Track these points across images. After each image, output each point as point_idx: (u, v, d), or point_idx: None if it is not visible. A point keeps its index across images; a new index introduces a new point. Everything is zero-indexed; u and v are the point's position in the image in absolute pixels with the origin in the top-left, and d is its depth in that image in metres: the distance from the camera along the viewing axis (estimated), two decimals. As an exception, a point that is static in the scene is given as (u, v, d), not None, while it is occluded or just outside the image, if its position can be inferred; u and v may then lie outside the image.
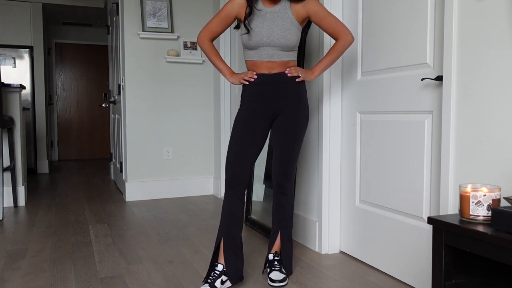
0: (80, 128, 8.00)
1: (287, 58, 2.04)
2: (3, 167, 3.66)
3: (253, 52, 2.04)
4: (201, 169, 4.45)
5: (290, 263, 2.17)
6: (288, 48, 2.01)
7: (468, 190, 1.35)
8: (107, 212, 3.69)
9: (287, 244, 2.17)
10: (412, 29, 2.01)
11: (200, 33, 2.12)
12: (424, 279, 1.99)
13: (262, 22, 1.98)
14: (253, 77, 2.04)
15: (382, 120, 2.23)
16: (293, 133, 2.08)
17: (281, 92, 2.05)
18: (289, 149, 2.09)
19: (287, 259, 2.16)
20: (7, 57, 5.96)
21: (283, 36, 1.98)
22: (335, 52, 2.10)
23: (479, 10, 1.63)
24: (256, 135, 2.06)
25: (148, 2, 4.13)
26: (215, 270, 2.01)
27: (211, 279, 1.99)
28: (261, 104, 2.06)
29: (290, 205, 2.18)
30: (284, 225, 2.17)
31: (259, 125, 2.06)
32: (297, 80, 2.06)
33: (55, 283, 2.15)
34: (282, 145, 2.10)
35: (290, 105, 2.07)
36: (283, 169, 2.12)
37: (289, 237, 2.18)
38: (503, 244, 1.17)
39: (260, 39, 1.98)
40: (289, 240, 2.18)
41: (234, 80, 2.09)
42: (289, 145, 2.09)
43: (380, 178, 2.26)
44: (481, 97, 1.63)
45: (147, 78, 4.18)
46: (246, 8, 1.99)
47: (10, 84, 3.79)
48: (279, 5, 2.00)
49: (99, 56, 7.99)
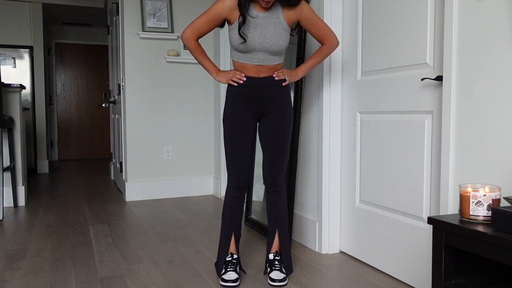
0: (80, 128, 8.00)
1: (276, 62, 2.06)
2: (3, 167, 3.66)
3: (243, 55, 2.04)
4: (201, 169, 4.45)
5: (290, 261, 2.18)
6: (279, 52, 2.04)
7: (468, 190, 1.35)
8: (107, 212, 3.69)
9: (285, 242, 2.18)
10: (412, 29, 2.01)
11: (185, 30, 2.08)
12: (424, 279, 1.99)
13: (254, 28, 1.97)
14: (242, 79, 2.05)
15: (382, 120, 2.23)
16: (282, 131, 2.12)
17: (268, 94, 2.08)
18: (280, 147, 2.13)
19: (286, 257, 2.18)
20: (7, 57, 5.96)
21: (275, 42, 1.99)
22: (320, 56, 2.15)
23: (479, 10, 1.63)
24: (250, 136, 2.12)
25: (148, 2, 4.13)
26: (232, 259, 2.14)
27: (232, 267, 2.12)
28: (249, 106, 2.10)
29: (285, 202, 2.21)
30: (281, 223, 2.19)
31: (250, 126, 2.12)
32: (283, 84, 2.09)
33: (55, 283, 2.15)
34: (273, 143, 2.13)
35: (277, 106, 2.11)
36: (277, 167, 2.15)
37: (286, 234, 2.20)
38: (503, 244, 1.17)
39: (252, 45, 1.98)
40: (287, 237, 2.20)
41: (221, 78, 2.09)
42: (280, 143, 2.12)
43: (380, 178, 2.26)
44: (481, 97, 1.63)
45: (147, 78, 4.18)
46: (239, 17, 1.97)
47: (10, 84, 3.79)
48: (271, 10, 1.99)
49: (99, 56, 7.99)
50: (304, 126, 2.72)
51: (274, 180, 2.16)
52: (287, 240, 2.19)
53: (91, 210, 3.78)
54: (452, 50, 1.73)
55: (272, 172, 2.15)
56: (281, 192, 2.18)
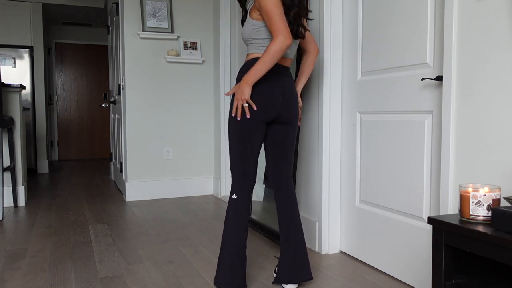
0: (80, 128, 7.99)
1: (249, 51, 2.05)
2: (3, 167, 3.66)
3: None
4: (201, 169, 4.45)
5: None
6: (246, 41, 2.02)
7: (468, 190, 1.35)
8: (107, 212, 3.69)
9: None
10: (412, 29, 2.01)
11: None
12: (424, 279, 1.99)
13: None
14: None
15: (382, 120, 2.23)
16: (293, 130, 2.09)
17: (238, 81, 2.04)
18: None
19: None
20: (7, 57, 5.96)
21: (242, 30, 2.03)
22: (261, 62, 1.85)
23: (479, 10, 1.63)
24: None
25: (148, 2, 4.13)
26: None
27: None
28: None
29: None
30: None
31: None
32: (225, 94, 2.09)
33: (55, 283, 2.15)
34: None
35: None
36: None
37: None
38: (503, 244, 1.17)
39: None
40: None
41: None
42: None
43: (380, 178, 2.26)
44: (481, 97, 1.63)
45: (147, 78, 4.18)
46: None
47: (10, 84, 3.79)
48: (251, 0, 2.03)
49: (99, 56, 7.99)
50: (304, 126, 2.71)
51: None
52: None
53: (91, 210, 3.78)
54: (452, 50, 1.73)
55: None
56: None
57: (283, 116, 2.01)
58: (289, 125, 2.06)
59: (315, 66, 2.57)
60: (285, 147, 2.08)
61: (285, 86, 2.00)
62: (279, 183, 2.09)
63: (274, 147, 2.08)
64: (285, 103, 2.00)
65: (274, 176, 2.10)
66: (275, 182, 2.10)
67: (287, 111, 2.02)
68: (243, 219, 1.98)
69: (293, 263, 2.03)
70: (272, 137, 2.07)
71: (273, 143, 2.08)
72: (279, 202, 2.09)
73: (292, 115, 2.05)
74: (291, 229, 2.05)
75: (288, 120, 2.04)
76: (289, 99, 2.02)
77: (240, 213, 1.98)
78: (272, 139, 2.08)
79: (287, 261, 2.04)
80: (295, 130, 2.10)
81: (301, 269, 2.03)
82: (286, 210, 2.07)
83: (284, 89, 1.99)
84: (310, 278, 2.05)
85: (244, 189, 1.99)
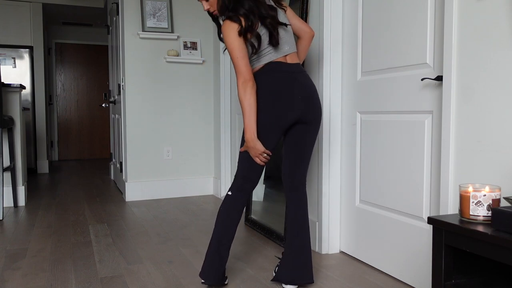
0: (80, 128, 7.99)
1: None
2: (3, 167, 3.66)
3: None
4: (201, 169, 4.45)
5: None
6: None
7: (468, 190, 1.35)
8: (107, 212, 3.69)
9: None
10: (412, 29, 2.01)
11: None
12: (424, 279, 1.99)
13: None
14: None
15: (382, 120, 2.23)
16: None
17: None
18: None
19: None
20: (7, 57, 5.96)
21: None
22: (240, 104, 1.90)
23: (479, 10, 1.63)
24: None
25: (148, 2, 4.13)
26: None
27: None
28: None
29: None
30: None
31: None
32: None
33: (55, 283, 2.15)
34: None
35: None
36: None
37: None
38: (503, 244, 1.17)
39: None
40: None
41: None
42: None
43: (380, 178, 2.26)
44: (481, 97, 1.63)
45: (147, 78, 4.18)
46: None
47: (10, 84, 3.79)
48: None
49: (99, 56, 7.99)
50: (304, 126, 2.71)
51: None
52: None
53: (91, 210, 3.78)
54: (452, 50, 1.73)
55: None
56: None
57: (304, 116, 1.94)
58: (311, 125, 1.98)
59: (315, 66, 2.57)
60: (305, 148, 2.02)
61: (301, 83, 1.93)
62: (293, 183, 2.04)
63: (294, 147, 2.02)
64: (306, 101, 1.93)
65: (288, 175, 2.05)
66: (289, 181, 2.05)
67: (308, 110, 1.94)
68: (231, 217, 1.97)
69: (296, 264, 2.02)
70: (292, 137, 2.01)
71: (293, 143, 2.01)
72: (290, 202, 2.05)
73: (315, 114, 1.97)
74: (299, 230, 2.03)
75: (310, 119, 1.97)
76: (309, 96, 1.94)
77: (229, 211, 1.97)
78: (292, 139, 2.01)
79: (290, 261, 2.03)
80: (316, 131, 2.02)
81: (304, 271, 2.01)
82: (297, 211, 2.04)
83: (301, 86, 1.92)
84: (311, 282, 2.03)
85: (242, 190, 1.98)
